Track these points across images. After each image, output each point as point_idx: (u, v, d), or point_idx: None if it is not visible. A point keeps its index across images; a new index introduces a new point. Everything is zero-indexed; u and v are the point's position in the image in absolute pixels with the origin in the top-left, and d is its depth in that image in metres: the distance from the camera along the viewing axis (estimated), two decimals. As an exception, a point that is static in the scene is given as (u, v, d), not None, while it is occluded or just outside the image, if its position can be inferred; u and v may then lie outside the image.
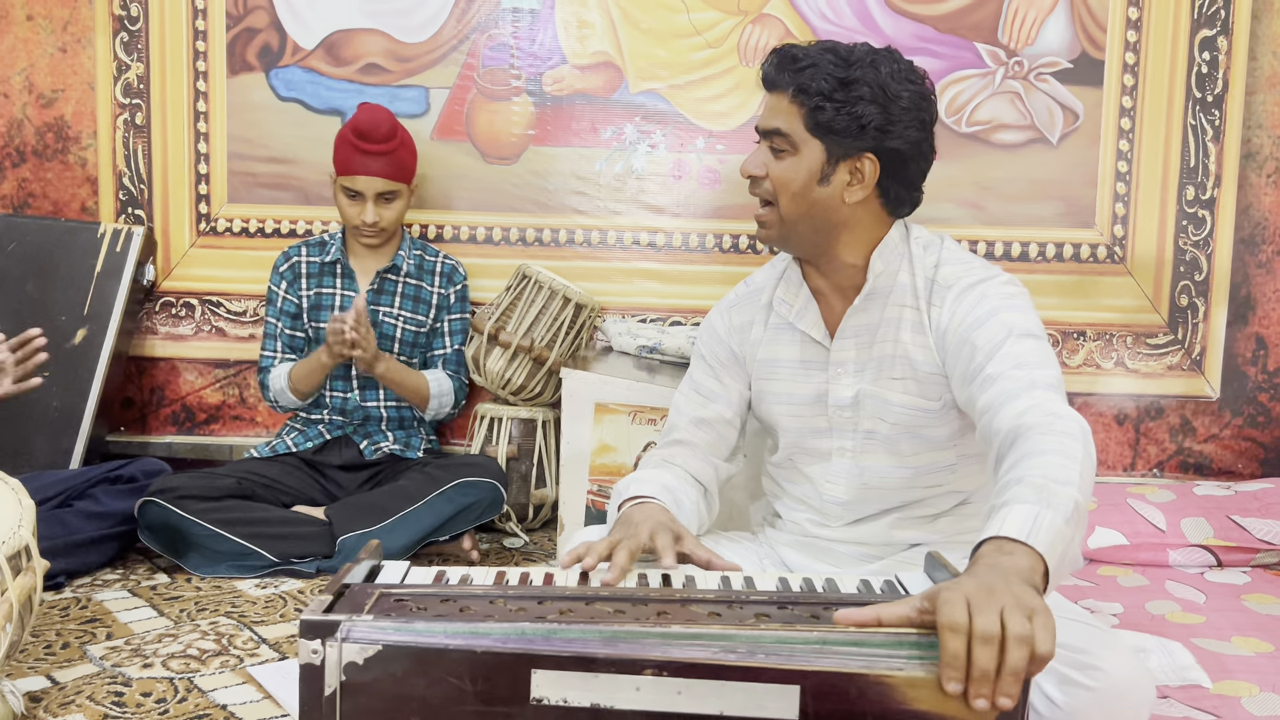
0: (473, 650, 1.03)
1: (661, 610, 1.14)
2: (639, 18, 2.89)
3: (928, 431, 1.54)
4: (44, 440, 2.76)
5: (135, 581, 2.30)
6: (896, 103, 1.46)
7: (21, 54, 2.99)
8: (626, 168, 2.95)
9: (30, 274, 2.86)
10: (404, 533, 2.38)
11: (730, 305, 1.72)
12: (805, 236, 1.53)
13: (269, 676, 1.78)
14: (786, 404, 1.63)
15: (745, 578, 1.29)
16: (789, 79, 1.47)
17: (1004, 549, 1.09)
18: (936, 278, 1.52)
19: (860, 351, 1.56)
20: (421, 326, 2.72)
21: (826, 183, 1.49)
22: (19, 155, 3.02)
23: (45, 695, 1.70)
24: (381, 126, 2.58)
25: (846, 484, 1.60)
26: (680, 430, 1.69)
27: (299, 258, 2.71)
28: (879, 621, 1.03)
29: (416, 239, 2.82)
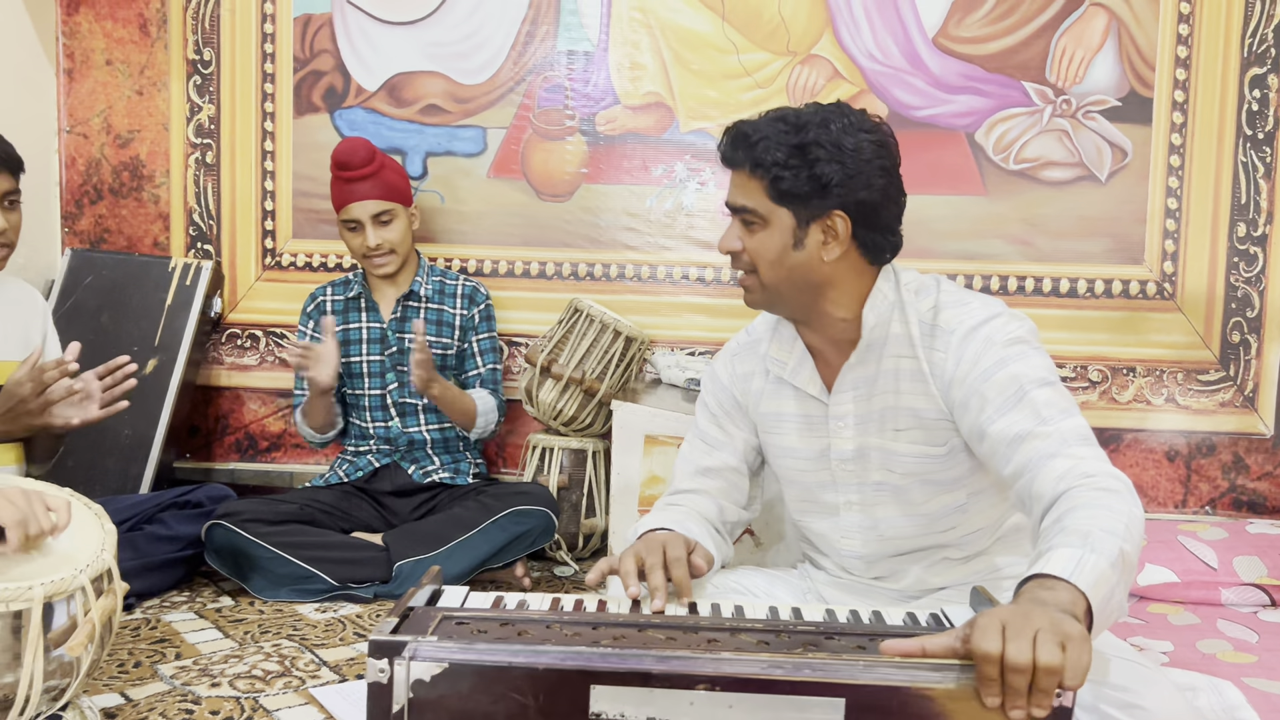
0: (534, 667, 1.08)
1: (712, 638, 1.18)
2: (690, 59, 2.97)
3: (937, 476, 1.53)
4: (116, 465, 2.87)
5: (201, 604, 2.39)
6: (855, 156, 1.44)
7: (101, 97, 3.14)
8: (676, 204, 3.02)
9: (105, 306, 2.99)
10: (459, 559, 2.44)
11: (732, 354, 1.72)
12: (791, 299, 1.53)
13: (330, 698, 1.84)
14: (792, 458, 1.63)
15: (793, 608, 1.33)
16: (744, 155, 1.47)
17: (1046, 584, 1.11)
18: (936, 322, 1.50)
19: (859, 405, 1.55)
20: (447, 349, 2.80)
21: (801, 246, 1.48)
22: (96, 193, 3.17)
23: (120, 712, 1.78)
24: (359, 152, 2.65)
25: (862, 537, 1.60)
26: (684, 480, 1.69)
27: (324, 297, 2.81)
28: (924, 652, 1.07)
29: (436, 266, 2.90)
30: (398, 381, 2.76)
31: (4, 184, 2.03)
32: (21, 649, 1.45)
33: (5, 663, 1.45)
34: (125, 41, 3.11)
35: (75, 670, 1.54)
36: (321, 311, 2.79)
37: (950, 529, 1.58)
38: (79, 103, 3.14)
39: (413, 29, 3.04)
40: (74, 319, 2.96)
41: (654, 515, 1.62)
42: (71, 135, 3.16)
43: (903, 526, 1.58)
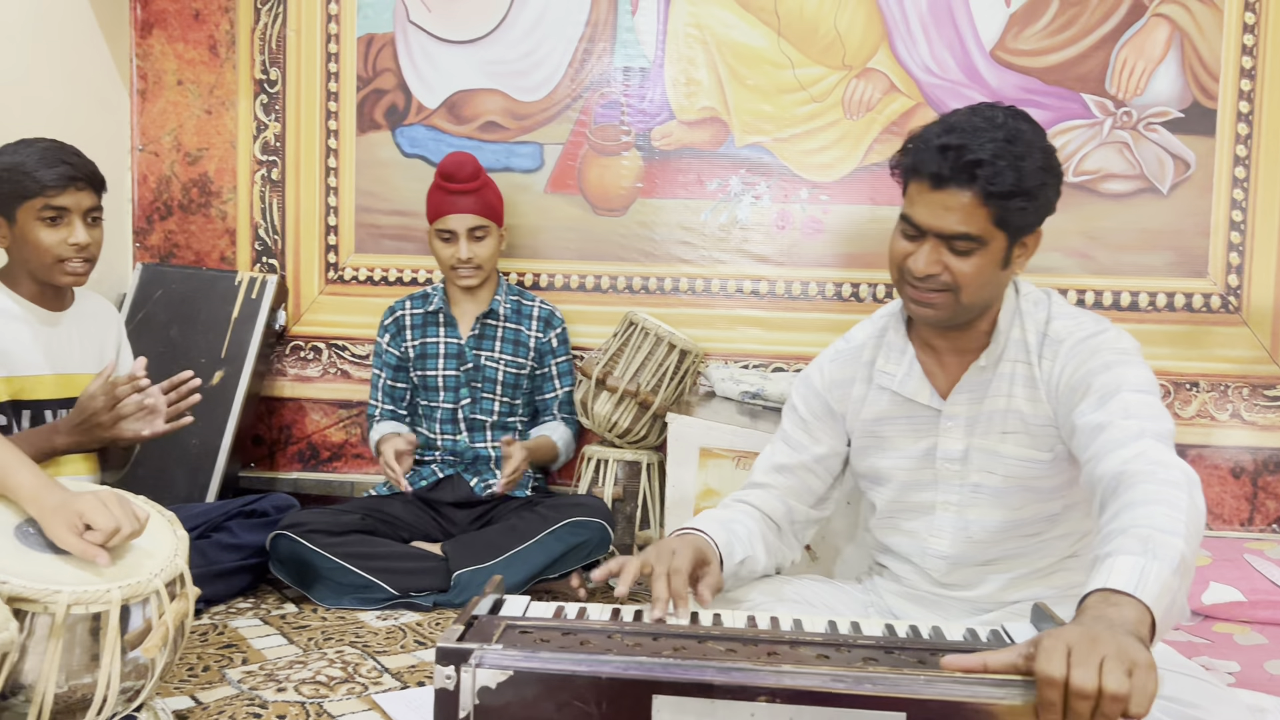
0: (597, 676, 1.10)
1: (771, 651, 1.19)
2: (745, 74, 2.99)
3: (1038, 483, 1.56)
4: (183, 474, 2.95)
5: (266, 610, 2.44)
6: (1056, 174, 1.49)
7: (171, 116, 3.24)
8: (731, 218, 3.04)
9: (174, 319, 3.08)
10: (516, 570, 2.47)
11: (829, 360, 1.74)
12: (972, 313, 1.55)
13: (393, 704, 1.87)
14: (893, 458, 1.65)
15: (851, 622, 1.33)
16: (971, 182, 1.43)
17: (1111, 600, 1.11)
18: (1048, 332, 1.54)
19: (971, 407, 1.58)
20: (521, 369, 2.84)
21: (1008, 264, 1.51)
22: (166, 209, 3.26)
23: (191, 714, 1.83)
24: (466, 167, 2.74)
25: (951, 538, 1.61)
26: (758, 475, 1.72)
27: (403, 311, 2.87)
28: (985, 668, 1.07)
29: (513, 285, 2.95)
30: (470, 397, 2.81)
31: (88, 201, 2.11)
32: (100, 650, 1.50)
33: (84, 663, 1.50)
34: (195, 62, 3.21)
35: (150, 672, 1.59)
36: (400, 326, 2.86)
37: (1035, 535, 1.59)
38: (151, 122, 3.24)
39: (472, 47, 3.09)
40: (144, 332, 3.05)
41: (714, 511, 1.65)
42: (144, 153, 3.26)
43: (994, 530, 1.59)
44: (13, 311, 2.12)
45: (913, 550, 1.66)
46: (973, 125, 1.45)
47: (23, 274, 2.14)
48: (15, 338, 2.11)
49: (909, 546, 1.66)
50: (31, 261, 2.10)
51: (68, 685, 1.49)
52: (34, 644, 1.45)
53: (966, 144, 1.43)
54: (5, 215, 2.08)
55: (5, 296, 2.13)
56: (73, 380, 2.20)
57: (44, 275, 2.12)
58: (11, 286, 2.14)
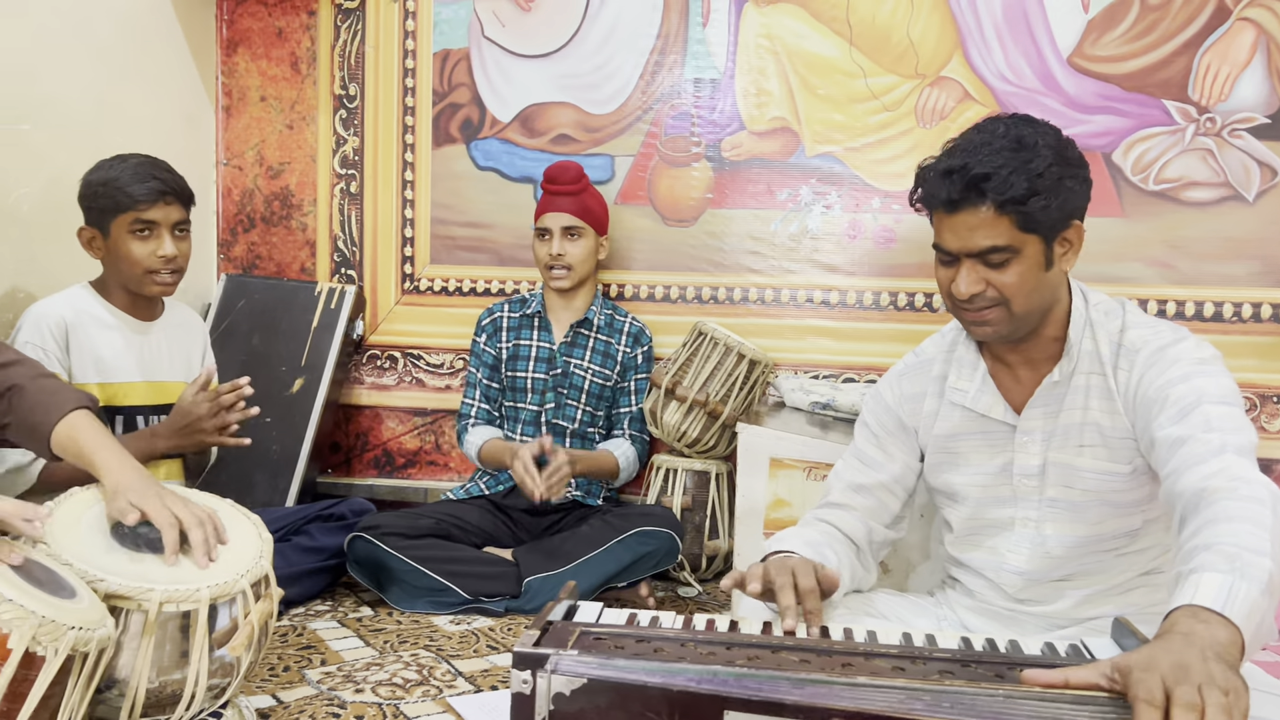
0: (669, 688, 1.11)
1: (846, 662, 1.19)
2: (816, 84, 2.98)
3: (1117, 497, 1.53)
4: (264, 478, 3.03)
5: (343, 613, 2.50)
6: (1077, 165, 1.48)
7: (255, 131, 3.34)
8: (801, 228, 3.03)
9: (256, 328, 3.17)
10: (586, 577, 2.49)
11: (899, 375, 1.72)
12: (1032, 321, 1.53)
13: (467, 707, 1.90)
14: (970, 475, 1.63)
15: (927, 635, 1.32)
16: (984, 195, 1.44)
17: (1199, 617, 1.08)
18: (1123, 342, 1.52)
19: (1047, 421, 1.56)
20: (607, 381, 2.88)
21: (1051, 265, 1.49)
22: (249, 221, 3.36)
23: (272, 713, 1.88)
24: (568, 171, 2.83)
25: (1029, 553, 1.59)
26: (835, 494, 1.70)
27: (501, 313, 2.92)
28: (1066, 684, 1.05)
29: (608, 299, 2.98)
30: (555, 402, 2.85)
31: (176, 215, 2.20)
32: (189, 647, 1.56)
33: (174, 660, 1.55)
34: (278, 79, 3.31)
35: (235, 670, 1.64)
36: (497, 327, 2.92)
37: (1114, 550, 1.57)
38: (235, 137, 3.35)
39: (545, 61, 3.14)
40: (228, 341, 3.14)
41: (798, 529, 1.64)
42: (228, 168, 3.36)
43: (1072, 545, 1.56)
44: (107, 321, 2.22)
45: (988, 566, 1.64)
46: (973, 143, 1.47)
47: (116, 285, 2.23)
48: (110, 345, 2.20)
49: (985, 562, 1.64)
50: (123, 273, 2.18)
51: (159, 680, 1.54)
52: (128, 640, 1.50)
53: (968, 163, 1.45)
54: (100, 228, 2.17)
55: (100, 306, 2.22)
56: (163, 387, 2.28)
57: (134, 286, 2.20)
58: (106, 297, 2.24)
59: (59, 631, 1.29)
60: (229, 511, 1.79)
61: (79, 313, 2.18)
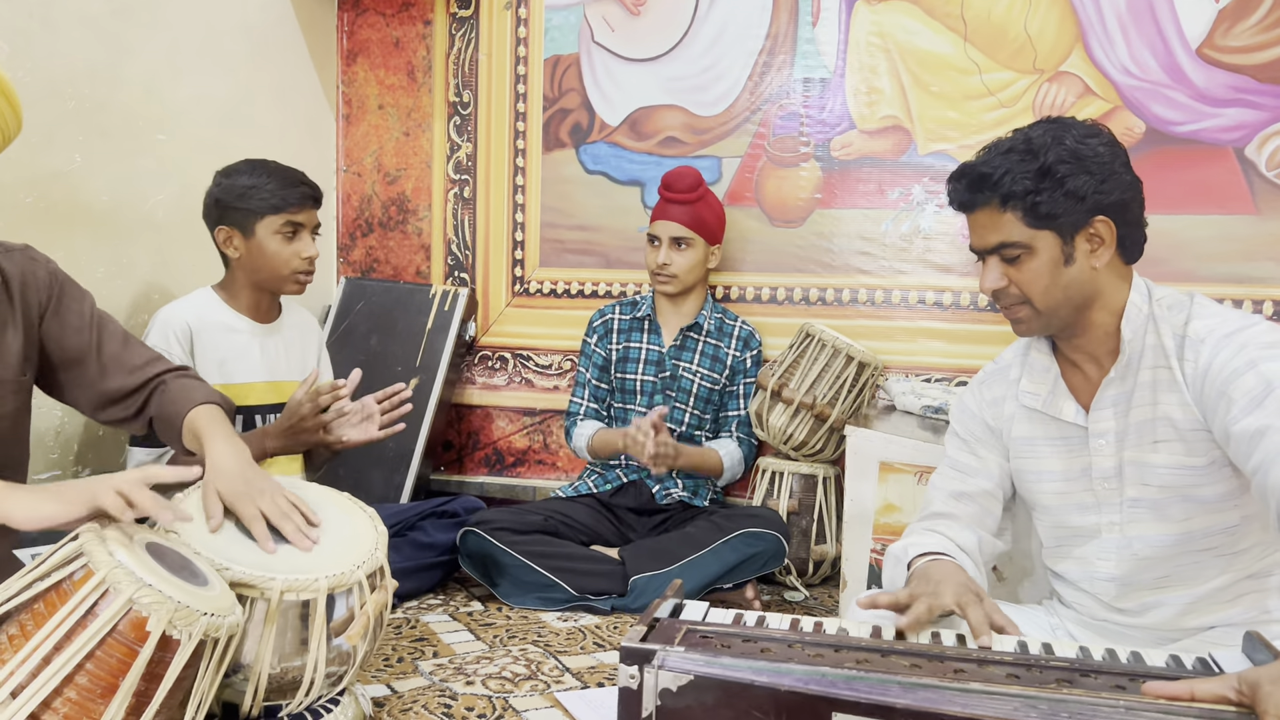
0: (776, 688, 1.10)
1: (958, 668, 1.16)
2: (929, 81, 2.93)
3: (1199, 492, 1.49)
4: (380, 475, 3.12)
5: (454, 608, 2.56)
6: (1097, 161, 1.47)
7: (373, 138, 3.45)
8: (913, 228, 2.98)
9: (374, 330, 3.27)
10: (691, 577, 2.49)
11: (980, 382, 1.74)
12: (1065, 317, 1.54)
13: (574, 702, 1.93)
14: (1049, 481, 1.62)
15: (1043, 644, 1.28)
16: (988, 194, 1.50)
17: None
18: (1187, 333, 1.49)
19: (1119, 420, 1.54)
20: (715, 384, 2.88)
21: (1072, 261, 1.50)
22: (367, 226, 3.48)
23: (387, 701, 1.94)
24: (685, 179, 2.82)
25: (1117, 557, 1.56)
26: (937, 504, 1.69)
27: (612, 315, 2.96)
28: (1192, 696, 1.02)
29: (718, 303, 2.99)
30: (665, 404, 2.87)
31: (315, 218, 2.32)
32: (308, 635, 1.61)
33: (295, 647, 1.61)
34: (395, 88, 3.41)
35: (352, 659, 1.70)
36: (608, 329, 2.96)
37: (1211, 549, 1.51)
38: (354, 144, 3.47)
39: (654, 65, 3.16)
40: (347, 341, 3.25)
41: (919, 536, 1.62)
42: (348, 174, 3.48)
43: (1160, 545, 1.52)
44: (231, 324, 2.32)
45: (1082, 576, 1.61)
46: (988, 147, 1.53)
47: (241, 287, 2.33)
48: (233, 348, 2.31)
49: (1078, 573, 1.62)
50: (263, 272, 2.29)
51: (280, 667, 1.61)
52: (252, 627, 1.57)
53: (974, 165, 1.52)
54: (242, 229, 2.27)
55: (224, 309, 2.33)
56: (282, 387, 2.38)
57: (275, 285, 2.31)
58: (229, 299, 2.34)
59: (193, 617, 1.36)
60: (346, 505, 1.85)
61: (202, 317, 2.28)
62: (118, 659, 1.30)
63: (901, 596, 1.36)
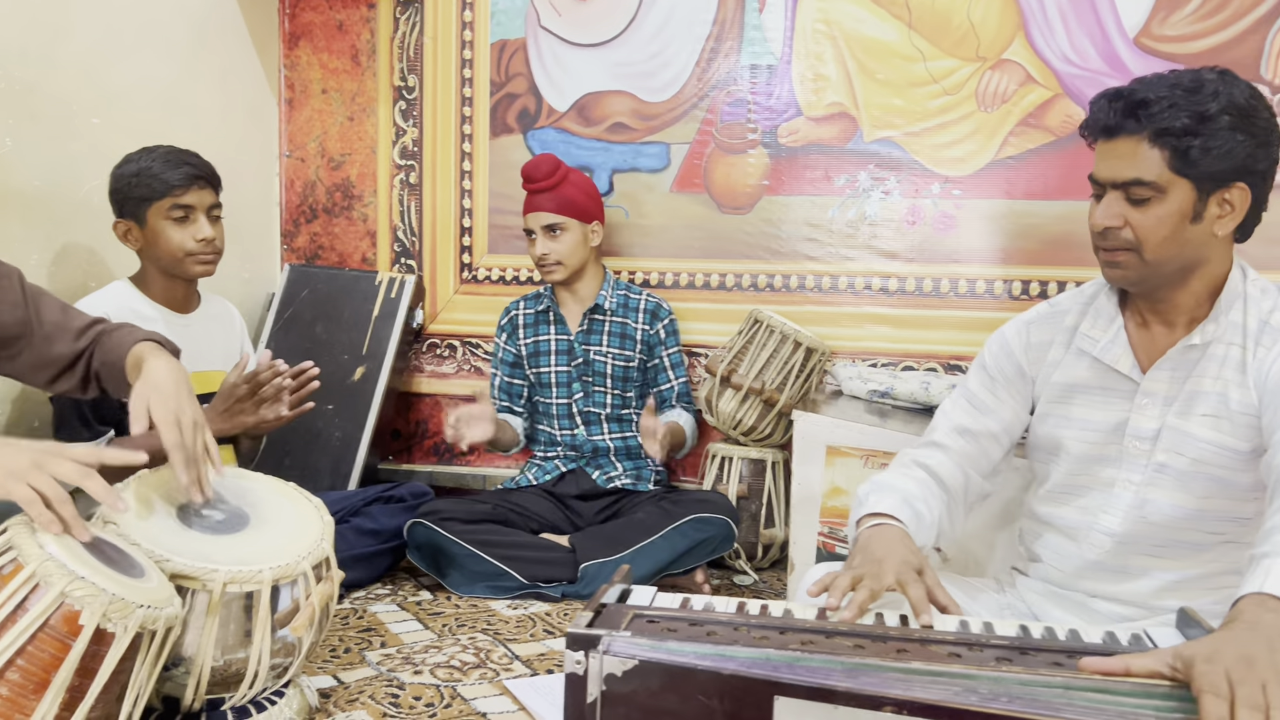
0: (720, 672, 1.11)
1: (901, 648, 1.17)
2: (874, 69, 2.95)
3: (1230, 475, 1.48)
4: (327, 464, 3.08)
5: (403, 597, 2.54)
6: (1259, 124, 1.42)
7: (317, 123, 3.39)
8: (859, 214, 3.00)
9: (319, 317, 3.22)
10: (642, 563, 2.50)
11: (1029, 322, 1.68)
12: (1168, 275, 1.48)
13: (523, 690, 1.93)
14: (1079, 428, 1.59)
15: (984, 622, 1.30)
16: (1141, 122, 1.41)
17: (1267, 606, 1.05)
18: (1270, 320, 1.47)
19: (1173, 385, 1.51)
20: (629, 362, 2.88)
21: (1199, 219, 1.44)
22: (312, 212, 3.42)
23: (333, 692, 1.92)
24: (542, 167, 2.80)
25: (1124, 515, 1.54)
26: (940, 433, 1.67)
27: (517, 311, 2.95)
28: (1127, 671, 1.03)
29: (620, 280, 2.98)
30: (583, 391, 2.86)
31: (209, 199, 2.28)
32: (252, 627, 1.59)
33: (238, 639, 1.59)
34: (339, 72, 3.36)
35: (297, 650, 1.68)
36: (515, 325, 2.94)
37: (1219, 534, 1.52)
38: (298, 129, 3.41)
39: (601, 50, 3.14)
40: (291, 329, 3.20)
41: (894, 479, 1.59)
42: (290, 159, 3.42)
43: (1171, 514, 1.52)
44: (147, 314, 2.28)
45: (1080, 525, 1.59)
46: (1153, 77, 1.44)
47: (154, 276, 2.30)
48: None
49: (1077, 521, 1.60)
50: (164, 259, 2.26)
51: (223, 659, 1.58)
52: (194, 619, 1.55)
53: (1136, 89, 1.43)
54: (136, 219, 2.25)
55: (140, 300, 2.29)
56: (202, 377, 2.32)
57: (176, 270, 2.27)
58: (144, 290, 2.31)
59: (128, 609, 1.33)
60: (291, 494, 1.83)
61: (120, 308, 2.22)
62: (50, 654, 1.28)
63: (844, 583, 1.35)
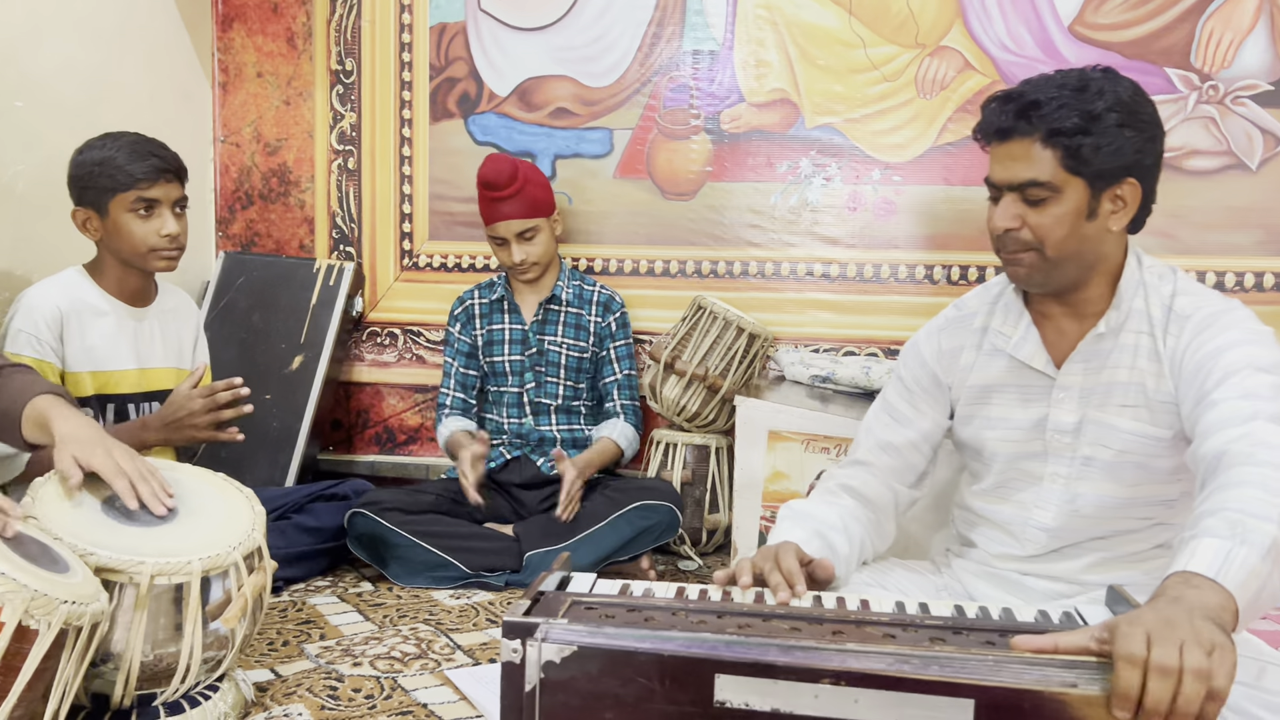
0: (660, 654, 1.10)
1: (837, 630, 1.18)
2: (816, 55, 2.96)
3: (1155, 462, 1.50)
4: (264, 456, 3.03)
5: (343, 589, 2.51)
6: (1145, 120, 1.45)
7: (251, 108, 3.32)
8: (801, 200, 3.01)
9: (256, 306, 3.16)
10: (587, 551, 2.49)
11: (939, 329, 1.69)
12: (1068, 273, 1.51)
13: (464, 679, 1.91)
14: (1001, 429, 1.61)
15: (920, 603, 1.31)
16: (1034, 124, 1.43)
17: (1191, 583, 1.08)
18: (1173, 306, 1.49)
19: (1088, 377, 1.53)
20: (583, 353, 2.87)
21: (1094, 216, 1.46)
22: (247, 199, 3.35)
23: (270, 686, 1.89)
24: (503, 173, 2.71)
25: (1056, 510, 1.56)
26: (863, 450, 1.68)
27: (471, 300, 2.91)
28: (1056, 649, 1.04)
29: (575, 270, 2.96)
30: (535, 381, 2.84)
31: (176, 192, 2.17)
32: (182, 620, 1.56)
33: (169, 633, 1.56)
34: (274, 55, 3.29)
35: (230, 643, 1.65)
36: (470, 315, 2.90)
37: (1148, 519, 1.54)
38: (232, 114, 3.34)
39: (542, 34, 3.11)
40: (227, 318, 3.14)
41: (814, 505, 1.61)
42: (225, 145, 3.35)
43: (1104, 505, 1.54)
44: (101, 307, 2.18)
45: (1014, 520, 1.61)
46: (1040, 79, 1.48)
47: (110, 268, 2.19)
48: (103, 333, 2.17)
49: (1010, 516, 1.62)
50: (124, 251, 2.15)
51: (153, 654, 1.55)
52: (121, 614, 1.51)
53: (1025, 91, 1.46)
54: (96, 208, 2.12)
55: (94, 292, 2.18)
56: (155, 375, 2.26)
57: (138, 264, 2.16)
58: (99, 281, 2.19)
59: (51, 605, 1.30)
60: (220, 485, 1.80)
61: (74, 300, 2.14)
62: (-32, 652, 1.23)
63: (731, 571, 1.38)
